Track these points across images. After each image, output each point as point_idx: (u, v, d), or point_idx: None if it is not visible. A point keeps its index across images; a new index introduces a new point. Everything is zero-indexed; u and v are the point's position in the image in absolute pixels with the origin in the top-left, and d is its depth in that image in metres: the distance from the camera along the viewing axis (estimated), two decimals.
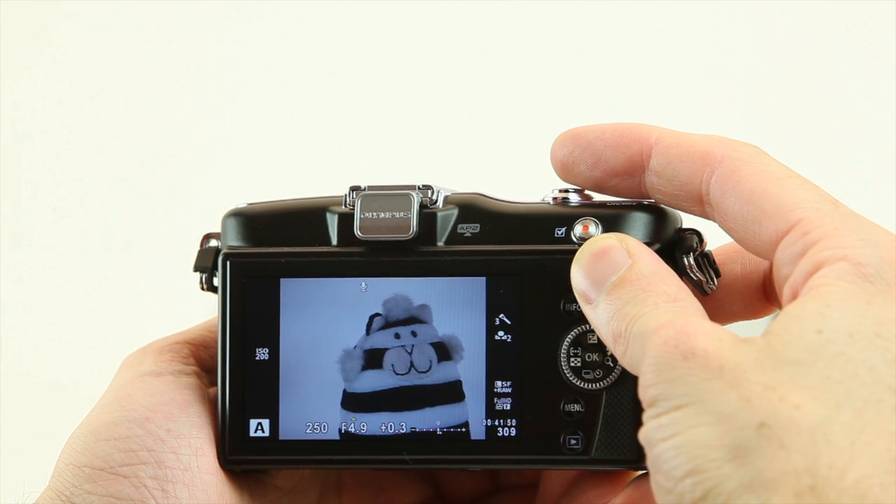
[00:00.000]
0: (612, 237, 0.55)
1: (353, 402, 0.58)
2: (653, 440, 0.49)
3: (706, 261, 0.58)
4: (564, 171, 0.58)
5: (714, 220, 0.56)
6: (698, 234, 0.58)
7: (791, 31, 1.34)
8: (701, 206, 0.56)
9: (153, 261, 1.33)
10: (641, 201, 0.58)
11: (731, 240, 0.56)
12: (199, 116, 1.37)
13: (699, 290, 0.58)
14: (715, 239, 0.59)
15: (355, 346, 0.58)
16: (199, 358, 0.61)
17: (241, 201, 0.61)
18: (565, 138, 0.58)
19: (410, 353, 0.58)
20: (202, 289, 0.61)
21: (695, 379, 0.48)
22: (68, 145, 1.36)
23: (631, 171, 0.57)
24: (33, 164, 1.36)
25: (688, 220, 0.59)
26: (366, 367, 0.58)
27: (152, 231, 1.34)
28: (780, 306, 0.53)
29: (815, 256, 0.51)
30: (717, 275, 0.58)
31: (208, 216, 0.68)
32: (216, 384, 0.60)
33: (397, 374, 0.58)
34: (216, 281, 0.60)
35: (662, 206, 0.58)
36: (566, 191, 0.59)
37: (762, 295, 0.59)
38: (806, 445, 0.46)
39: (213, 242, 0.61)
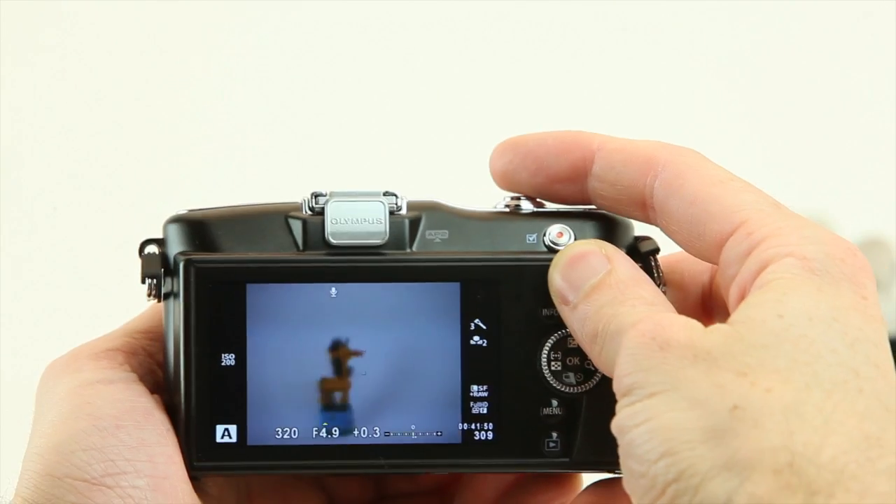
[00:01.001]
0: (592, 243, 0.56)
1: (325, 406, 0.58)
2: (625, 427, 0.50)
3: (658, 269, 0.59)
4: (504, 179, 0.59)
5: (657, 225, 0.57)
6: (653, 240, 0.59)
7: (790, 31, 1.35)
8: (644, 211, 0.57)
9: None
10: (587, 208, 0.59)
11: (665, 254, 0.58)
12: (191, 118, 1.37)
13: None
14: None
15: (326, 351, 0.58)
16: (132, 366, 0.60)
17: (182, 208, 0.60)
18: (505, 147, 0.59)
19: (383, 359, 0.58)
20: (149, 296, 0.59)
21: (670, 367, 0.49)
22: (68, 147, 1.36)
23: (573, 176, 0.58)
24: (33, 164, 1.36)
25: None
26: (338, 372, 0.58)
27: (152, 234, 1.34)
28: (728, 310, 0.53)
29: (762, 255, 0.52)
30: (664, 284, 0.59)
31: None
32: (157, 391, 0.59)
33: (370, 378, 0.58)
34: (165, 288, 0.59)
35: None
36: (518, 198, 0.59)
37: (701, 310, 0.60)
38: (780, 424, 0.47)
39: (152, 248, 0.60)
